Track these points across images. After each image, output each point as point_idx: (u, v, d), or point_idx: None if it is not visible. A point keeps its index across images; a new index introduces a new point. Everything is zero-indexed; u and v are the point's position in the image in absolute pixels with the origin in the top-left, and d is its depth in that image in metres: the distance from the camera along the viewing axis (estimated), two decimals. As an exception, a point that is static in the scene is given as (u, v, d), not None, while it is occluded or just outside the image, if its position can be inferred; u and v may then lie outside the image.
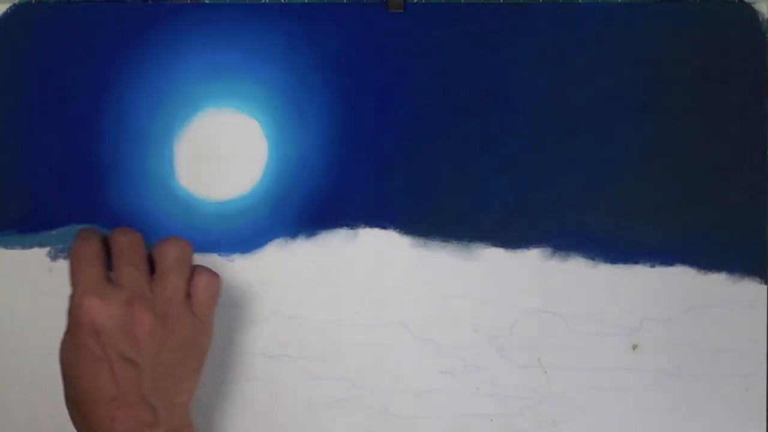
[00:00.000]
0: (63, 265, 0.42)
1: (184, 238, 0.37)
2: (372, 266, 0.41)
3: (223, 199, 0.42)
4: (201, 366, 0.37)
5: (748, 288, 0.41)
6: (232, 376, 0.41)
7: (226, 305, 0.42)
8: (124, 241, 0.36)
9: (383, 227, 0.41)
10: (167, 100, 0.42)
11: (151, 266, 0.37)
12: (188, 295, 0.37)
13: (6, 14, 0.42)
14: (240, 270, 0.41)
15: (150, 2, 0.42)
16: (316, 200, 0.41)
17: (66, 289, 0.42)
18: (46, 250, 0.42)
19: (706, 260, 0.41)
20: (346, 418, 0.41)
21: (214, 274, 0.37)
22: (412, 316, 0.41)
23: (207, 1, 0.42)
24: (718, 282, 0.41)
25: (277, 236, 0.41)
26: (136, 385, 0.34)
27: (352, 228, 0.41)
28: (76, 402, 0.35)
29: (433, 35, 0.41)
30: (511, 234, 0.41)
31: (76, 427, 0.35)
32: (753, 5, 0.41)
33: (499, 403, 0.41)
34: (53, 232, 0.42)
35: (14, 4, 0.42)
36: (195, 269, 0.37)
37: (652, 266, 0.41)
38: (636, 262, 0.41)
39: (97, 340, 0.34)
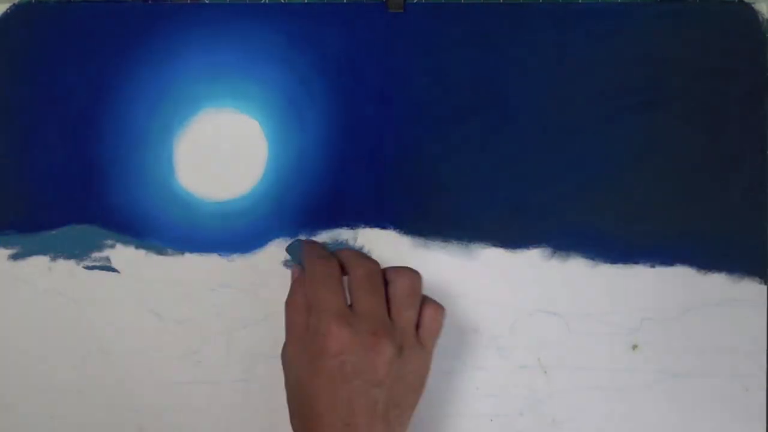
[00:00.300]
0: (63, 266, 0.42)
1: (416, 270, 0.37)
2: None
3: (223, 199, 0.42)
4: (420, 397, 0.37)
5: (748, 288, 0.41)
6: (232, 376, 0.41)
7: (226, 305, 0.42)
8: (365, 268, 0.36)
9: (383, 227, 0.41)
10: (167, 100, 0.42)
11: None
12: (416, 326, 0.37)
13: (6, 14, 0.42)
14: (240, 270, 0.41)
15: (150, 2, 0.42)
16: (316, 200, 0.41)
17: (66, 289, 0.42)
18: (45, 250, 0.42)
19: (706, 260, 0.41)
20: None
21: (440, 306, 0.37)
22: (412, 316, 0.41)
23: (207, 1, 0.42)
24: (718, 282, 0.41)
25: (277, 236, 0.41)
26: (372, 414, 0.34)
27: (352, 228, 0.41)
28: (306, 420, 0.35)
29: (433, 35, 0.41)
30: (511, 234, 0.41)
31: None
32: (753, 5, 0.41)
33: (499, 403, 0.41)
34: (53, 232, 0.42)
35: (14, 4, 0.42)
36: (423, 300, 0.37)
37: (652, 266, 0.41)
38: (636, 262, 0.41)
39: (342, 367, 0.34)
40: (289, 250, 0.40)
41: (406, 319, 0.36)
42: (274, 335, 0.41)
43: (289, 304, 0.37)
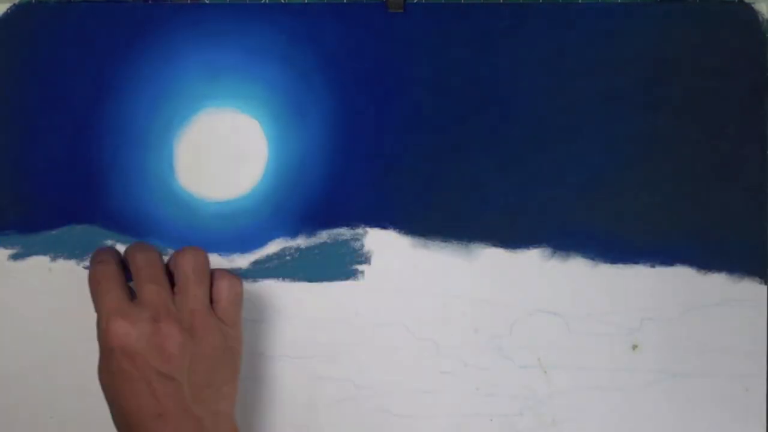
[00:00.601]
0: (63, 266, 0.42)
1: (198, 247, 0.37)
2: (372, 266, 0.41)
3: (223, 199, 0.42)
4: (237, 371, 0.37)
5: (748, 288, 0.41)
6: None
7: (226, 305, 0.42)
8: (142, 258, 0.36)
9: (383, 227, 0.41)
10: (167, 100, 0.42)
11: (170, 277, 0.37)
12: (211, 302, 0.36)
13: (6, 14, 0.42)
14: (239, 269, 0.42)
15: (150, 2, 0.42)
16: (317, 200, 0.41)
17: (65, 290, 0.42)
18: (45, 250, 0.42)
19: (706, 260, 0.41)
20: (346, 418, 0.41)
21: (234, 277, 0.37)
22: (412, 316, 0.41)
23: (207, 1, 0.42)
24: (718, 282, 0.41)
25: (278, 236, 0.41)
26: (177, 398, 0.34)
27: (352, 228, 0.41)
28: (123, 424, 0.34)
29: (433, 35, 0.41)
30: (511, 234, 0.41)
31: None
32: (753, 5, 0.41)
33: (499, 403, 0.41)
34: (53, 232, 0.42)
35: (14, 4, 0.42)
36: (214, 274, 0.37)
37: (652, 266, 0.41)
38: (636, 262, 0.41)
39: (131, 361, 0.34)
40: None
41: (193, 297, 0.35)
42: (274, 335, 0.41)
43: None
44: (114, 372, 0.34)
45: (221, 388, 0.36)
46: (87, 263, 0.42)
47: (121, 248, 0.42)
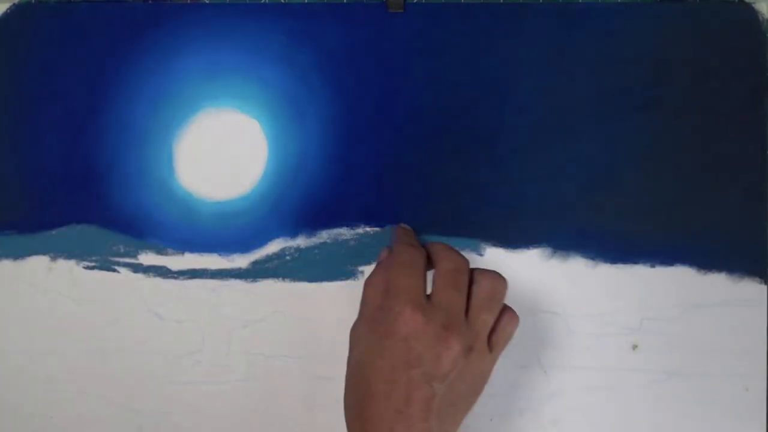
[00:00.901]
0: (63, 266, 0.42)
1: (503, 276, 0.36)
2: (372, 266, 0.41)
3: (223, 199, 0.42)
4: (475, 402, 0.36)
5: (748, 288, 0.41)
6: (232, 376, 0.41)
7: (226, 305, 0.42)
8: (452, 262, 0.36)
9: (383, 227, 0.41)
10: (167, 100, 0.42)
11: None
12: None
13: (6, 14, 0.42)
14: (240, 269, 0.41)
15: (150, 2, 0.42)
16: (316, 200, 0.41)
17: (65, 290, 0.42)
18: (45, 250, 0.42)
19: (706, 260, 0.41)
20: (346, 418, 0.41)
21: (515, 315, 0.37)
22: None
23: (207, 1, 0.42)
24: (718, 282, 0.41)
25: (277, 236, 0.41)
26: (426, 407, 0.33)
27: (351, 228, 0.41)
28: (360, 399, 0.34)
29: (433, 35, 0.41)
30: (511, 234, 0.41)
31: (349, 424, 0.35)
32: (753, 5, 0.41)
33: (499, 403, 0.41)
34: (53, 232, 0.42)
35: (14, 4, 0.42)
36: (503, 308, 0.37)
37: (652, 266, 0.41)
38: (636, 262, 0.41)
39: (407, 352, 0.33)
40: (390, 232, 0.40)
41: (483, 321, 0.35)
42: (274, 335, 0.41)
43: (369, 283, 0.36)
44: (384, 352, 0.34)
45: (459, 413, 0.36)
46: (87, 263, 0.42)
47: (121, 248, 0.42)
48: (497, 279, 0.36)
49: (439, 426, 0.34)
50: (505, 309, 0.36)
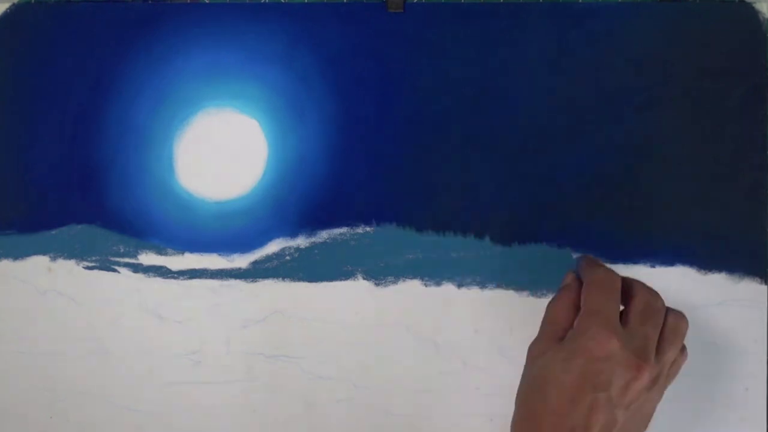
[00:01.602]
0: (63, 266, 0.42)
1: (685, 315, 0.36)
2: (372, 266, 0.41)
3: (223, 199, 0.42)
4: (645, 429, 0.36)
5: (748, 288, 0.41)
6: (232, 376, 0.41)
7: (226, 305, 0.42)
8: (653, 300, 0.35)
9: (383, 227, 0.41)
10: (167, 100, 0.42)
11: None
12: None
13: (6, 14, 0.42)
14: (240, 269, 0.41)
15: (150, 2, 0.42)
16: (316, 200, 0.41)
17: (66, 289, 0.42)
18: (45, 250, 0.42)
19: (706, 260, 0.41)
20: (346, 418, 0.41)
21: (683, 352, 0.36)
22: (412, 316, 0.41)
23: (207, 1, 0.42)
24: (718, 282, 0.41)
25: (277, 236, 0.41)
26: (603, 429, 0.33)
27: (351, 228, 0.41)
28: (535, 413, 0.34)
29: (433, 35, 0.41)
30: (511, 233, 0.41)
31: (518, 427, 0.34)
32: (753, 5, 0.41)
33: (499, 403, 0.41)
34: (53, 232, 0.42)
35: (14, 4, 0.42)
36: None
37: (652, 266, 0.41)
38: (636, 262, 0.41)
39: (597, 374, 0.33)
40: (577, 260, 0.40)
41: (669, 357, 0.35)
42: (274, 335, 0.41)
43: (556, 302, 0.36)
44: (570, 369, 0.33)
45: None
46: (87, 263, 0.42)
47: (121, 248, 0.42)
48: (683, 318, 0.36)
49: None
50: (683, 347, 0.36)
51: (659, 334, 0.35)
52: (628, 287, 0.36)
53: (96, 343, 0.42)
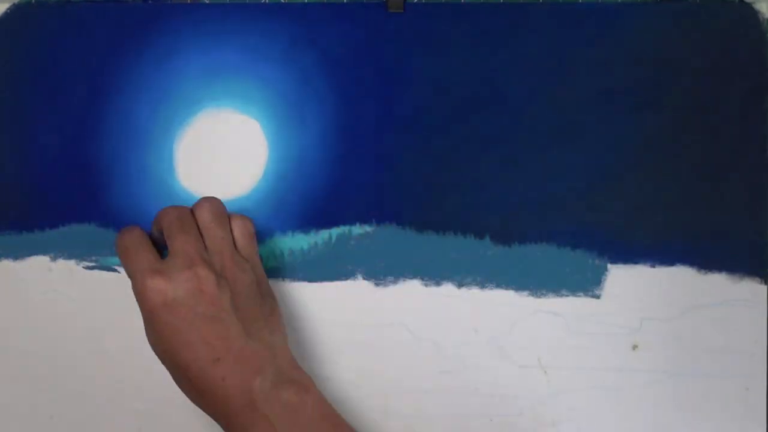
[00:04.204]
0: (63, 266, 0.42)
1: (213, 196, 0.38)
2: (374, 267, 0.41)
3: (223, 199, 0.42)
4: (276, 302, 0.38)
5: (748, 288, 0.41)
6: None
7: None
8: (172, 213, 0.37)
9: (383, 227, 0.41)
10: (167, 100, 0.42)
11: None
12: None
13: (6, 14, 0.42)
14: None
15: (150, 2, 0.42)
16: (316, 200, 0.41)
17: (66, 289, 0.42)
18: (45, 250, 0.42)
19: (706, 260, 0.41)
20: (347, 418, 0.41)
21: (244, 216, 0.38)
22: (412, 316, 0.41)
23: (207, 1, 0.42)
24: (718, 282, 0.41)
25: (277, 236, 0.41)
26: (230, 338, 0.34)
27: (351, 228, 0.41)
28: (183, 379, 0.35)
29: (433, 35, 0.41)
30: (511, 233, 0.41)
31: (201, 407, 0.35)
32: (753, 5, 0.41)
33: (499, 403, 0.41)
34: (53, 232, 0.42)
35: (14, 4, 0.42)
36: (231, 218, 0.38)
37: (652, 266, 0.41)
38: (636, 262, 0.41)
39: (175, 312, 0.34)
40: None
41: (219, 240, 0.36)
42: (274, 335, 0.41)
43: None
44: (161, 330, 0.34)
45: (268, 320, 0.36)
46: (87, 263, 0.42)
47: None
48: (210, 200, 0.38)
49: (260, 342, 0.35)
50: (233, 218, 0.38)
51: (200, 231, 0.36)
52: (156, 221, 0.37)
53: (96, 343, 0.42)
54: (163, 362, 0.35)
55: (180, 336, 0.34)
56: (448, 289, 0.41)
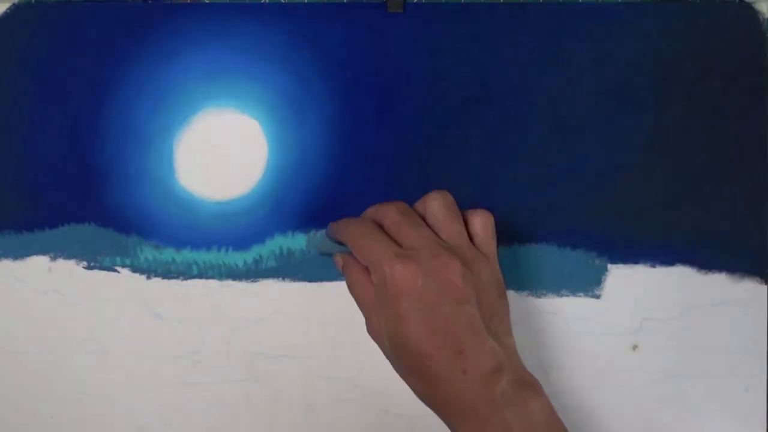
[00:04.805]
0: (63, 266, 0.42)
1: (442, 190, 0.37)
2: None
3: (223, 199, 0.42)
4: (507, 303, 0.36)
5: (748, 288, 0.41)
6: (232, 376, 0.41)
7: (226, 305, 0.42)
8: (394, 210, 0.36)
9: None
10: (167, 100, 0.42)
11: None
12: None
13: (6, 14, 0.42)
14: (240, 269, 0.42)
15: (150, 2, 0.42)
16: (316, 200, 0.41)
17: (66, 289, 0.42)
18: (45, 250, 0.42)
19: (706, 260, 0.41)
20: (346, 418, 0.41)
21: (486, 211, 0.37)
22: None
23: (207, 1, 0.42)
24: (718, 282, 0.41)
25: (277, 236, 0.41)
26: (473, 331, 0.33)
27: (352, 228, 0.41)
28: (421, 370, 0.33)
29: (433, 35, 0.41)
30: (510, 233, 0.41)
31: (428, 397, 0.34)
32: (753, 5, 0.41)
33: (499, 403, 0.41)
34: (53, 232, 0.42)
35: (14, 4, 0.42)
36: (465, 213, 0.37)
37: (652, 266, 0.41)
38: (636, 262, 0.41)
39: (424, 299, 0.33)
40: (312, 245, 0.40)
41: (456, 233, 0.35)
42: (274, 335, 0.41)
43: (351, 283, 0.36)
44: (406, 315, 0.33)
45: (503, 320, 0.35)
46: (87, 263, 0.42)
47: (121, 248, 0.42)
48: (439, 194, 0.36)
49: (497, 340, 0.34)
50: (472, 213, 0.37)
51: (430, 227, 0.36)
52: (375, 217, 0.37)
53: (96, 343, 0.42)
54: (394, 350, 0.34)
55: (425, 323, 0.33)
56: (448, 289, 0.41)
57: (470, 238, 0.36)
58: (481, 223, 0.37)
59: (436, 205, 0.36)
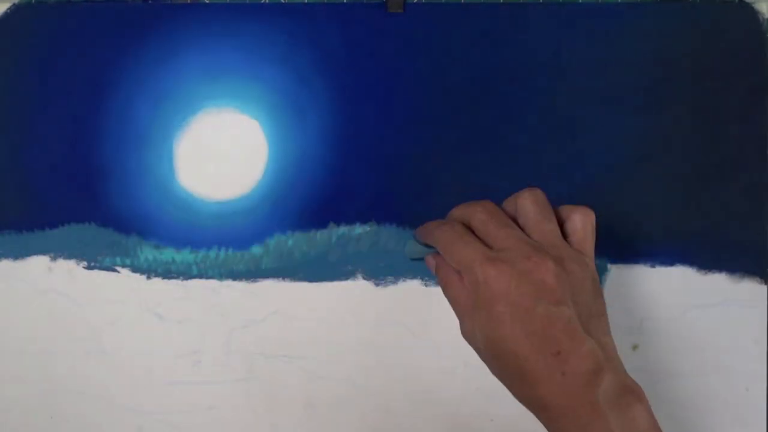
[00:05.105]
0: (63, 266, 0.42)
1: (534, 186, 0.36)
2: (372, 265, 0.41)
3: (223, 199, 0.42)
4: (605, 303, 0.35)
5: (748, 288, 0.41)
6: (232, 376, 0.41)
7: (226, 305, 0.42)
8: (482, 211, 0.35)
9: (383, 226, 0.41)
10: (167, 100, 0.42)
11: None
12: (565, 237, 0.36)
13: (6, 14, 0.42)
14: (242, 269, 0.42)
15: (150, 2, 0.42)
16: (316, 200, 0.41)
17: (66, 289, 0.42)
18: (45, 250, 0.42)
19: (706, 260, 0.41)
20: (346, 418, 0.41)
21: (586, 208, 0.36)
22: (412, 316, 0.41)
23: (207, 1, 0.42)
24: (718, 282, 0.41)
25: (277, 236, 0.41)
26: (570, 332, 0.32)
27: (352, 227, 0.41)
28: (518, 371, 0.33)
29: (433, 35, 0.41)
30: (511, 234, 0.41)
31: (527, 398, 0.34)
32: (753, 5, 0.41)
33: (499, 403, 0.41)
34: (53, 232, 0.42)
35: (14, 4, 0.42)
36: (562, 210, 0.36)
37: (652, 266, 0.41)
38: (636, 262, 0.41)
39: (520, 301, 0.32)
40: (409, 252, 0.40)
41: (548, 232, 0.34)
42: (274, 335, 0.41)
43: (444, 285, 0.36)
44: (500, 318, 0.32)
45: (600, 320, 0.34)
46: (87, 263, 0.42)
47: (121, 248, 0.42)
48: (530, 191, 0.36)
49: (595, 340, 0.33)
50: (570, 209, 0.36)
51: (521, 226, 0.35)
52: (463, 219, 0.36)
53: (96, 343, 0.42)
54: (490, 353, 0.33)
55: (521, 327, 0.32)
56: (448, 289, 0.41)
57: (567, 235, 0.35)
58: (581, 220, 0.35)
59: (527, 203, 0.35)
